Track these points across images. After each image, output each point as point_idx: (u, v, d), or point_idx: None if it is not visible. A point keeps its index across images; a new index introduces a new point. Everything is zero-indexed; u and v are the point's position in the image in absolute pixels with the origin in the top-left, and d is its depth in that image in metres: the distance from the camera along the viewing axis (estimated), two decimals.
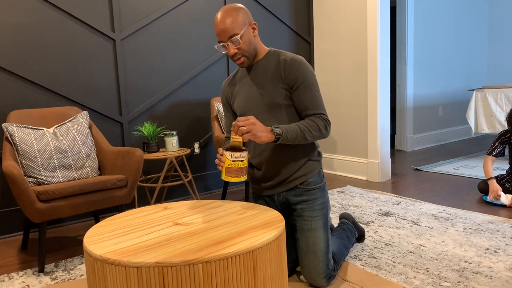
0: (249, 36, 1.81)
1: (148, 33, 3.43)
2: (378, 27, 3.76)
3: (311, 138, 1.81)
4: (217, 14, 1.78)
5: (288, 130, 1.73)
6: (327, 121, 1.85)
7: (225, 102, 2.06)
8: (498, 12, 6.30)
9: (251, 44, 1.83)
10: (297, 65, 1.83)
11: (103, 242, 1.33)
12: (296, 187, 1.94)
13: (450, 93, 5.97)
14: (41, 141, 2.54)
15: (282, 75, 1.84)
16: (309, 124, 1.80)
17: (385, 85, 3.87)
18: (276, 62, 1.87)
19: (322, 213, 1.94)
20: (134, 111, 3.40)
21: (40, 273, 2.27)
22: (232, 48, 1.79)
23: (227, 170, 1.62)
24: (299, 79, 1.82)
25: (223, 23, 1.75)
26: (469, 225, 2.64)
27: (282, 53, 1.90)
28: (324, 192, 1.98)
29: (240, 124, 1.61)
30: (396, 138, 5.54)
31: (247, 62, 1.87)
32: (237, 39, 1.76)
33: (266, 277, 1.30)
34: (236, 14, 1.77)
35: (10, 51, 2.86)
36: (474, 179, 3.78)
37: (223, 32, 1.76)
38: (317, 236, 1.90)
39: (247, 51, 1.82)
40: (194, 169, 3.77)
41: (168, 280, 1.15)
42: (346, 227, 2.33)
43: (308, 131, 1.79)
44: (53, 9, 3.00)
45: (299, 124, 1.78)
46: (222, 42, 1.79)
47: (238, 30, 1.76)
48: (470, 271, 2.02)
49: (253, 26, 1.84)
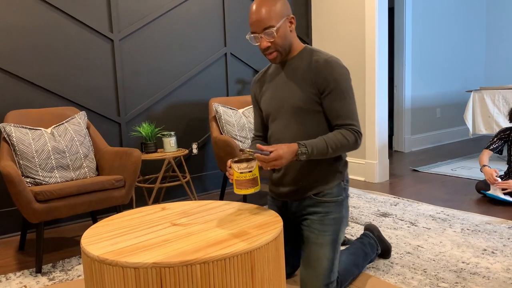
0: (285, 30, 1.67)
1: (146, 34, 3.43)
2: (376, 28, 3.76)
3: (337, 153, 1.67)
4: (253, 2, 1.65)
5: (314, 152, 1.60)
6: (358, 133, 1.68)
7: (254, 99, 1.93)
8: (495, 13, 6.31)
9: (286, 39, 1.68)
10: (330, 69, 1.65)
11: (100, 243, 1.33)
12: (309, 197, 1.78)
13: (448, 94, 5.98)
14: (39, 142, 2.54)
15: (313, 79, 1.68)
16: (338, 139, 1.64)
17: (383, 86, 3.88)
18: (308, 63, 1.71)
19: (332, 229, 1.75)
20: (132, 112, 3.40)
21: (37, 273, 2.26)
22: (265, 41, 1.65)
23: (236, 182, 1.57)
24: (331, 84, 1.65)
25: (258, 13, 1.62)
26: (467, 226, 2.65)
27: (316, 52, 1.73)
28: (341, 207, 1.79)
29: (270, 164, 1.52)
30: (394, 139, 5.55)
31: (280, 58, 1.72)
32: (272, 31, 1.62)
33: (264, 278, 1.30)
34: (274, 4, 1.63)
35: (8, 51, 2.86)
36: (471, 180, 3.79)
37: (258, 23, 1.62)
38: (322, 252, 1.73)
39: (281, 46, 1.68)
40: (192, 170, 3.77)
41: (165, 281, 1.15)
42: (367, 241, 2.11)
43: (336, 147, 1.63)
44: (52, 10, 3.00)
45: (327, 140, 1.63)
46: (255, 33, 1.65)
47: (275, 22, 1.62)
48: (468, 272, 2.02)
49: (290, 20, 1.69)
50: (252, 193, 1.57)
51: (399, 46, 5.31)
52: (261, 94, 1.87)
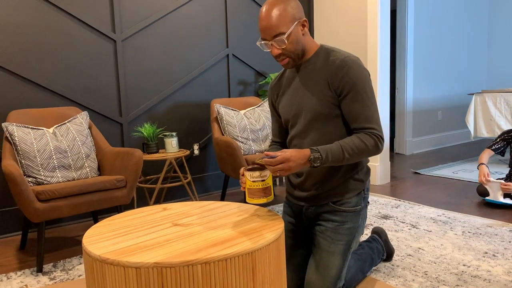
0: (297, 35, 1.58)
1: (148, 34, 3.44)
2: (378, 30, 3.77)
3: (355, 160, 1.57)
4: (263, 5, 1.55)
5: (329, 158, 1.51)
6: (378, 137, 1.58)
7: (271, 104, 1.87)
8: (497, 16, 6.31)
9: (299, 44, 1.60)
10: (346, 69, 1.57)
11: (102, 242, 1.33)
12: (327, 204, 1.73)
13: (450, 97, 5.98)
14: (41, 141, 2.54)
15: (329, 80, 1.61)
16: (355, 144, 1.54)
17: (384, 89, 3.88)
18: (324, 64, 1.63)
19: (346, 239, 1.72)
20: (134, 112, 3.40)
21: (38, 273, 2.26)
22: (275, 49, 1.57)
23: (248, 191, 1.52)
24: (347, 85, 1.57)
25: (267, 19, 1.53)
26: (468, 228, 2.64)
27: (333, 52, 1.65)
28: (358, 217, 1.74)
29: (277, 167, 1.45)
30: (395, 142, 5.55)
31: (292, 63, 1.65)
32: (282, 39, 1.54)
33: (265, 279, 1.30)
34: (284, 9, 1.53)
35: (11, 51, 2.87)
36: (473, 183, 3.78)
37: (267, 30, 1.54)
38: (332, 261, 1.69)
39: (293, 52, 1.60)
40: (193, 171, 3.77)
41: (167, 281, 1.15)
42: (375, 246, 2.08)
43: (353, 153, 1.54)
44: (55, 10, 3.01)
45: (343, 145, 1.53)
46: (265, 40, 1.58)
47: (285, 29, 1.54)
48: (469, 275, 2.02)
49: (303, 23, 1.60)
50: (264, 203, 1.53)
51: (401, 48, 5.31)
52: (279, 100, 1.81)
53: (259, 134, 3.40)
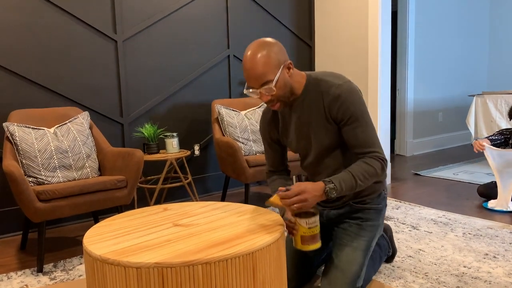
0: (284, 80, 1.55)
1: (149, 35, 3.44)
2: (379, 31, 3.77)
3: (367, 184, 1.58)
4: (246, 53, 1.52)
5: (342, 184, 1.50)
6: (383, 159, 1.59)
7: (269, 139, 1.85)
8: (498, 17, 6.31)
9: (287, 87, 1.58)
10: (341, 102, 1.58)
11: (103, 242, 1.33)
12: (349, 205, 1.79)
13: (450, 99, 5.98)
14: (42, 141, 2.55)
15: (327, 114, 1.63)
16: (364, 169, 1.55)
17: (385, 90, 3.88)
18: (318, 97, 1.64)
19: (369, 235, 1.76)
20: (135, 112, 3.41)
21: (38, 273, 2.26)
22: (265, 96, 1.55)
23: (302, 238, 1.49)
24: (346, 114, 1.59)
25: (253, 69, 1.49)
26: (469, 230, 2.64)
27: (321, 81, 1.64)
28: (379, 215, 1.80)
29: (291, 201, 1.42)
30: (396, 143, 5.55)
31: (284, 105, 1.64)
32: (270, 87, 1.51)
33: (266, 279, 1.30)
34: (268, 55, 1.49)
35: (13, 51, 2.87)
36: (473, 185, 3.78)
37: (254, 79, 1.51)
38: (354, 257, 1.71)
39: (282, 96, 1.58)
40: (194, 171, 3.77)
41: (167, 281, 1.15)
42: (382, 243, 2.08)
43: (364, 178, 1.55)
44: (56, 10, 3.01)
45: (353, 172, 1.53)
46: (253, 88, 1.54)
47: (272, 76, 1.50)
48: (469, 276, 2.02)
49: (288, 66, 1.57)
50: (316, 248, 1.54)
51: (402, 49, 5.31)
52: (282, 135, 1.81)
53: (259, 134, 3.40)
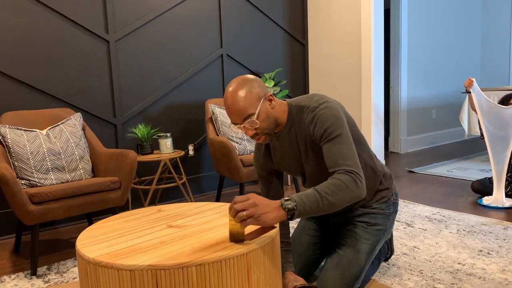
0: (266, 111, 1.56)
1: (142, 35, 3.42)
2: (372, 29, 3.77)
3: (340, 201, 1.43)
4: (227, 91, 1.53)
5: (304, 201, 1.37)
6: (353, 172, 1.47)
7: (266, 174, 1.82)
8: (490, 15, 6.35)
9: (270, 119, 1.58)
10: (315, 121, 1.58)
11: (96, 245, 1.32)
12: (356, 209, 1.79)
13: (444, 96, 6.00)
14: (34, 143, 2.53)
15: (309, 138, 1.63)
16: (331, 184, 1.43)
17: (379, 88, 3.89)
18: (301, 123, 1.64)
19: (373, 239, 1.76)
20: (128, 113, 3.39)
21: (32, 276, 2.25)
22: (249, 130, 1.55)
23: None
24: (319, 133, 1.57)
25: (234, 105, 1.50)
26: (463, 227, 2.65)
27: (302, 108, 1.64)
28: (387, 221, 1.79)
29: (238, 207, 1.27)
30: (390, 140, 5.56)
31: (269, 138, 1.63)
32: (253, 120, 1.52)
33: (260, 280, 1.30)
34: (249, 90, 1.51)
35: (3, 52, 2.84)
36: (467, 181, 3.80)
37: (236, 115, 1.52)
38: (355, 259, 1.70)
39: (266, 128, 1.57)
40: (188, 171, 3.76)
41: (161, 283, 1.14)
42: (382, 246, 2.05)
43: (332, 192, 1.41)
44: (47, 11, 2.99)
45: (318, 188, 1.42)
46: (236, 124, 1.55)
47: (253, 109, 1.51)
48: (464, 273, 2.02)
49: (269, 98, 1.58)
50: None
51: (395, 47, 5.32)
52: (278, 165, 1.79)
53: None
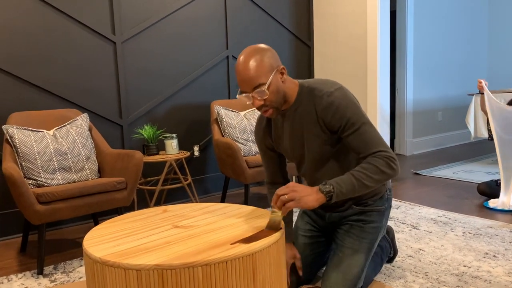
0: (277, 84, 1.55)
1: (148, 36, 3.44)
2: (378, 31, 3.77)
3: (374, 183, 1.51)
4: (239, 58, 1.52)
5: (340, 184, 1.47)
6: (389, 158, 1.52)
7: (265, 148, 1.84)
8: (497, 16, 6.32)
9: (280, 92, 1.57)
10: (334, 109, 1.56)
11: (102, 244, 1.33)
12: (351, 207, 1.78)
13: (450, 98, 5.98)
14: (41, 143, 2.55)
15: (321, 123, 1.61)
16: (366, 169, 1.51)
17: (384, 89, 3.88)
18: (311, 105, 1.62)
19: (370, 238, 1.76)
20: (134, 114, 3.41)
21: (39, 275, 2.26)
22: (257, 100, 1.53)
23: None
24: (342, 122, 1.56)
25: (246, 72, 1.49)
26: (468, 229, 2.64)
27: (314, 89, 1.62)
28: (382, 217, 1.80)
29: (280, 192, 1.41)
30: (396, 142, 5.55)
31: (276, 113, 1.62)
32: (263, 90, 1.50)
33: (266, 280, 1.30)
34: (261, 59, 1.50)
35: (11, 53, 2.87)
36: (473, 184, 3.78)
37: (246, 83, 1.50)
38: (356, 259, 1.71)
39: (274, 102, 1.56)
40: (193, 172, 3.77)
41: (167, 283, 1.15)
42: (384, 244, 2.07)
43: (366, 177, 1.49)
44: (54, 12, 3.01)
45: (353, 173, 1.50)
46: (245, 92, 1.54)
47: (264, 79, 1.50)
48: (469, 276, 2.02)
49: (281, 71, 1.56)
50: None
51: (400, 49, 5.31)
52: (276, 144, 1.80)
53: None
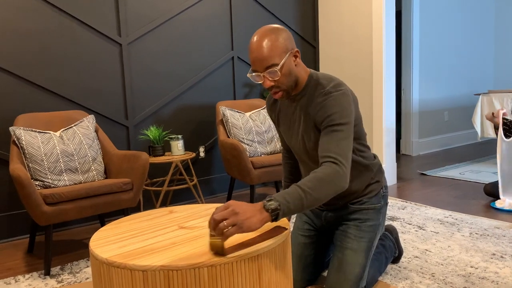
0: (289, 66, 1.51)
1: (154, 38, 3.45)
2: (384, 31, 3.76)
3: (324, 195, 1.37)
4: (253, 36, 1.49)
5: (287, 199, 1.30)
6: (339, 164, 1.41)
7: (272, 121, 1.86)
8: (503, 15, 6.27)
9: (292, 75, 1.54)
10: (321, 105, 1.54)
11: (109, 245, 1.34)
12: (347, 206, 1.78)
13: (456, 98, 5.94)
14: (48, 145, 2.56)
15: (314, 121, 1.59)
16: (314, 179, 1.36)
17: (390, 90, 3.87)
18: (312, 99, 1.60)
19: (369, 236, 1.75)
20: (140, 115, 3.42)
21: (46, 276, 2.28)
22: (268, 81, 1.50)
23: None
24: (322, 119, 1.53)
25: (259, 50, 1.46)
26: (475, 230, 2.63)
27: (319, 85, 1.59)
28: (379, 215, 1.79)
29: (218, 217, 1.20)
30: (402, 143, 5.53)
31: (286, 96, 1.59)
32: (275, 70, 1.47)
33: (271, 282, 1.30)
34: (276, 39, 1.46)
35: (18, 55, 2.89)
36: (480, 184, 3.76)
37: (259, 61, 1.47)
38: (355, 258, 1.71)
39: (285, 84, 1.53)
40: (199, 173, 3.78)
41: (173, 284, 1.15)
42: (387, 244, 2.07)
43: (314, 187, 1.34)
44: (60, 14, 3.03)
45: (300, 185, 1.35)
46: (257, 72, 1.50)
47: (278, 60, 1.47)
48: (476, 277, 2.00)
49: (295, 54, 1.53)
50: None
51: (406, 49, 5.29)
52: (278, 122, 1.80)
53: (264, 136, 3.40)
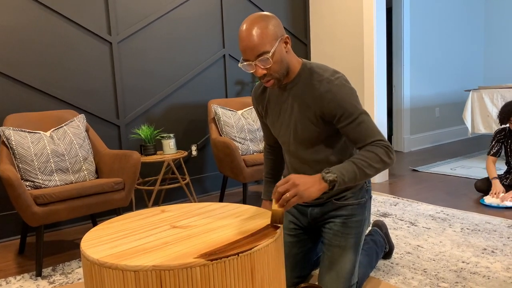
0: (281, 53, 1.50)
1: (145, 36, 3.43)
2: (374, 28, 3.77)
3: (374, 172, 1.49)
4: (242, 25, 1.47)
5: (343, 172, 1.42)
6: (387, 146, 1.50)
7: (257, 113, 1.85)
8: (493, 12, 6.32)
9: (283, 62, 1.53)
10: (331, 98, 1.53)
11: (100, 246, 1.33)
12: (331, 202, 1.76)
13: (447, 94, 5.99)
14: (38, 145, 2.54)
15: (318, 108, 1.57)
16: (367, 157, 1.47)
17: (381, 86, 3.88)
18: (308, 88, 1.59)
19: (356, 232, 1.74)
20: (131, 114, 3.40)
21: (37, 277, 2.26)
22: (260, 69, 1.49)
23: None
24: (337, 112, 1.53)
25: (249, 39, 1.44)
26: (467, 225, 2.65)
27: (315, 73, 1.59)
28: (364, 209, 1.77)
29: (281, 190, 1.34)
30: (393, 139, 5.55)
31: (278, 84, 1.57)
32: (266, 58, 1.46)
33: (264, 280, 1.30)
34: (265, 26, 1.45)
35: (6, 54, 2.86)
36: (471, 179, 3.79)
37: (250, 50, 1.45)
38: (345, 255, 1.71)
39: (277, 72, 1.52)
40: (191, 172, 3.77)
41: (165, 284, 1.15)
42: (377, 239, 2.08)
43: (368, 165, 1.46)
44: (50, 12, 3.00)
45: (355, 160, 1.46)
46: (248, 60, 1.48)
47: (269, 47, 1.45)
48: (468, 272, 2.02)
49: (285, 40, 1.52)
50: None
51: (397, 46, 5.31)
52: (266, 113, 1.78)
53: (256, 134, 3.40)
